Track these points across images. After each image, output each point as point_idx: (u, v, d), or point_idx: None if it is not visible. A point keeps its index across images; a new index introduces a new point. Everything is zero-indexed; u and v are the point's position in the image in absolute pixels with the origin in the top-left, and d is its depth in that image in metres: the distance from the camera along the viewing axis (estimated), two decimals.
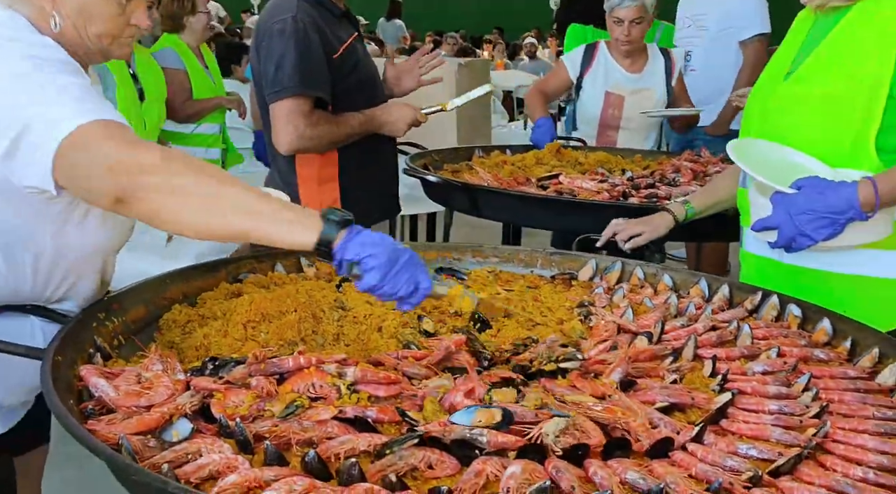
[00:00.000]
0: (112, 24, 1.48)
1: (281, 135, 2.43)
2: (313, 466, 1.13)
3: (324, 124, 2.43)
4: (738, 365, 1.53)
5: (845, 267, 1.86)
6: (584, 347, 1.59)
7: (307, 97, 2.40)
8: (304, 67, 2.37)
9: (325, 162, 2.51)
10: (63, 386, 1.30)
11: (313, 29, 2.39)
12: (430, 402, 1.30)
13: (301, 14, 2.39)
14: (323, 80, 2.41)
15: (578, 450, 1.19)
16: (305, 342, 1.60)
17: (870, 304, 1.80)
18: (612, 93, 3.60)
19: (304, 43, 2.36)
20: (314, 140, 2.44)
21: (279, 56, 2.37)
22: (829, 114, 1.82)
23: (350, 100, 2.49)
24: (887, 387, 1.44)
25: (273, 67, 2.38)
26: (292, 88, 2.36)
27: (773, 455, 1.20)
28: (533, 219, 2.77)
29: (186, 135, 4.39)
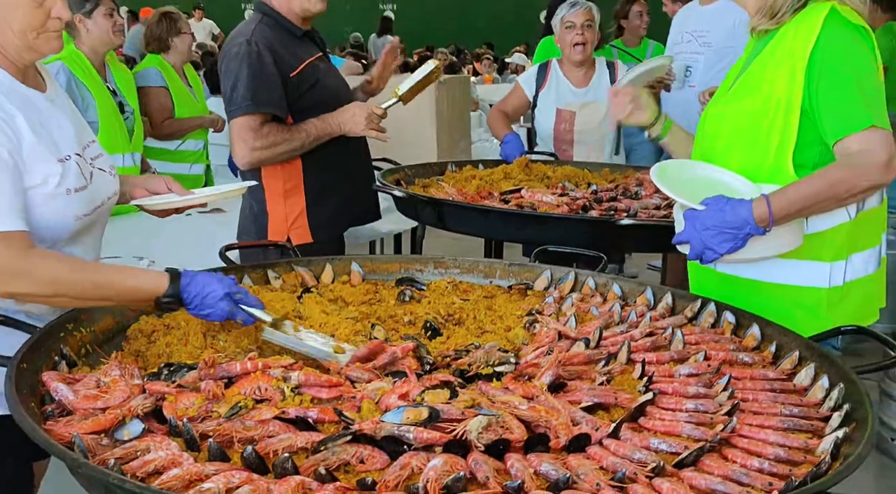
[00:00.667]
0: (32, 18, 1.57)
1: (235, 150, 2.58)
2: (251, 460, 1.22)
3: (275, 135, 2.54)
4: (667, 367, 1.62)
5: (771, 276, 1.97)
6: (523, 353, 1.69)
7: (259, 114, 2.52)
8: (256, 87, 2.49)
9: (288, 175, 2.62)
10: (26, 391, 1.39)
11: (268, 50, 2.51)
12: (367, 403, 1.39)
13: (256, 37, 2.53)
14: (275, 97, 2.53)
15: (500, 445, 1.28)
16: (262, 350, 1.69)
17: (792, 311, 1.90)
18: (562, 109, 3.74)
19: (257, 64, 2.49)
20: (266, 151, 2.55)
21: (234, 77, 2.50)
22: (750, 133, 1.93)
23: (311, 115, 2.60)
24: (802, 387, 1.54)
25: (230, 88, 2.52)
26: (245, 106, 2.50)
27: (681, 449, 1.29)
28: (495, 232, 2.88)
29: (171, 151, 4.50)
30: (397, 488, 1.18)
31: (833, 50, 1.84)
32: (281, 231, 2.66)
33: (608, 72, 3.82)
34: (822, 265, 1.94)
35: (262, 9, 2.64)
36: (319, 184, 2.66)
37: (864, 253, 1.96)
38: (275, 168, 2.61)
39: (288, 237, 2.64)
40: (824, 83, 1.83)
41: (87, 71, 3.46)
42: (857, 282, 1.97)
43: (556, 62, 3.85)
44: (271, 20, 2.61)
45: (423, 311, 1.93)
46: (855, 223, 1.93)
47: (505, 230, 2.69)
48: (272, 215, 2.64)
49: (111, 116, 3.55)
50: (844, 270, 1.94)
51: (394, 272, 2.21)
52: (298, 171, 2.66)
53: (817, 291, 1.94)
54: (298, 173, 2.65)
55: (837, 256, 1.93)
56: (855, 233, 1.93)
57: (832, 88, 1.83)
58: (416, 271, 2.23)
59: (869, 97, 1.82)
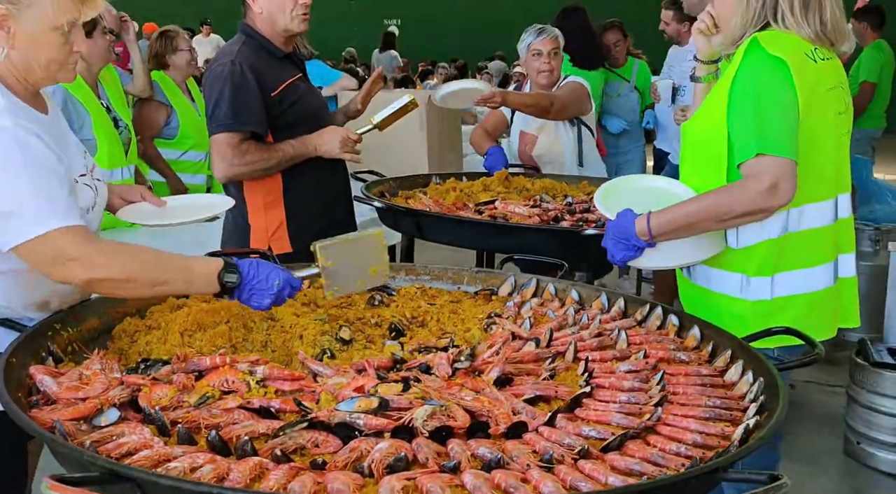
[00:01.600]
0: (59, 53, 1.71)
1: (215, 165, 2.72)
2: (215, 443, 1.35)
3: (253, 153, 2.67)
4: (609, 365, 1.75)
5: (709, 284, 2.12)
6: (479, 351, 1.81)
7: (239, 131, 2.65)
8: (238, 105, 2.63)
9: (268, 189, 2.75)
10: (14, 383, 1.53)
11: (250, 70, 2.65)
12: (325, 395, 1.52)
13: (239, 58, 2.66)
14: (256, 115, 2.66)
15: (443, 432, 1.41)
16: (237, 349, 1.82)
17: (725, 318, 2.02)
18: (525, 132, 3.85)
19: (240, 83, 2.63)
20: (244, 167, 2.68)
21: (217, 95, 2.64)
22: (704, 153, 2.07)
23: (290, 134, 2.74)
24: (731, 382, 1.66)
25: (212, 105, 2.65)
26: (226, 124, 2.63)
27: (608, 436, 1.42)
28: (468, 241, 3.01)
29: (173, 161, 4.62)
30: (346, 468, 1.31)
31: (742, 80, 1.95)
32: (262, 241, 2.79)
33: None
34: (746, 278, 2.03)
35: (245, 30, 2.78)
36: (298, 197, 2.79)
37: (795, 273, 2.02)
38: (255, 182, 2.74)
39: (269, 246, 2.77)
40: (731, 112, 1.97)
41: (82, 89, 3.59)
42: (795, 299, 2.03)
43: (527, 87, 3.97)
44: (254, 41, 2.74)
45: (391, 314, 2.06)
46: (780, 241, 2.00)
47: (477, 240, 2.82)
48: (254, 227, 2.77)
49: (108, 132, 3.68)
50: (771, 286, 2.02)
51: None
52: (278, 186, 2.78)
53: (743, 302, 2.04)
54: (278, 187, 2.78)
55: (760, 272, 2.02)
56: (781, 251, 2.01)
57: (735, 117, 1.95)
58: (387, 277, 2.35)
59: (765, 126, 1.90)
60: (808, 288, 2.04)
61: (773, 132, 1.89)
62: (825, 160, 2.02)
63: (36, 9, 1.65)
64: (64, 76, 1.78)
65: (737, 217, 1.93)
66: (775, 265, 2.02)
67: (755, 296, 2.03)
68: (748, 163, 1.91)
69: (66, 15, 1.69)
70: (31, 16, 1.66)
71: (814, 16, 1.98)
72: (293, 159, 2.71)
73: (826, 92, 2.00)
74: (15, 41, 1.67)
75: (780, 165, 1.88)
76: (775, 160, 1.88)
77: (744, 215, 1.93)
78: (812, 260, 2.04)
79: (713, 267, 2.08)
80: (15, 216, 1.60)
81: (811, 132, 1.96)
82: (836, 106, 2.04)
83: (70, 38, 1.71)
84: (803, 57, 1.96)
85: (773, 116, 1.90)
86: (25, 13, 1.65)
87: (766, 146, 1.89)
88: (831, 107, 2.02)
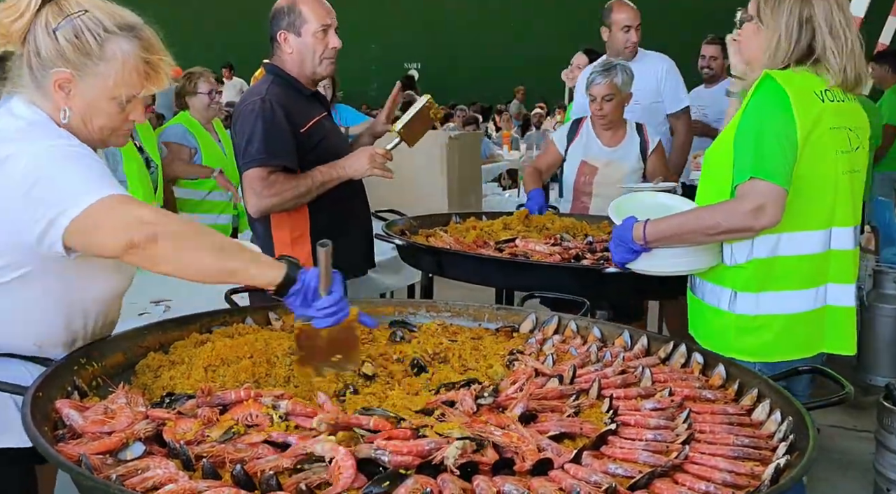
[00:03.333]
0: (113, 120, 1.73)
1: (247, 200, 2.76)
2: (240, 478, 1.35)
3: (282, 182, 2.72)
4: (634, 402, 1.73)
5: (705, 297, 2.28)
6: (502, 387, 1.80)
7: (271, 166, 2.70)
8: (270, 141, 2.68)
9: (295, 224, 2.79)
10: (40, 416, 1.53)
11: (280, 107, 2.71)
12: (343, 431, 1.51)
13: (270, 95, 2.73)
14: (288, 150, 2.72)
15: (468, 468, 1.40)
16: (259, 384, 1.82)
17: (711, 328, 2.24)
18: (587, 162, 3.89)
19: (270, 119, 2.69)
20: (275, 197, 2.72)
21: (249, 132, 2.69)
22: (713, 177, 2.23)
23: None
24: (759, 421, 1.64)
25: (244, 142, 2.71)
26: (259, 159, 2.68)
27: (635, 474, 1.40)
28: (488, 279, 3.01)
29: (197, 201, 4.67)
30: None
31: (750, 109, 2.10)
32: None
33: (638, 135, 3.97)
34: (734, 293, 2.19)
35: (273, 70, 2.84)
36: (323, 232, 2.80)
37: (779, 293, 2.16)
38: (282, 218, 2.78)
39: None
40: (737, 138, 2.13)
41: None
42: (775, 318, 2.17)
43: (589, 120, 4.02)
44: (282, 80, 2.80)
45: (412, 350, 2.06)
46: (768, 262, 2.15)
47: (498, 277, 2.82)
48: None
49: (139, 172, 3.75)
50: (756, 303, 2.17)
51: (389, 315, 2.35)
52: (305, 221, 2.82)
53: (729, 315, 2.20)
54: (305, 222, 2.82)
55: (747, 288, 2.17)
56: (768, 272, 2.16)
57: (738, 142, 2.11)
58: (409, 314, 2.36)
59: (763, 152, 2.04)
60: (788, 309, 2.18)
61: (768, 159, 2.03)
62: (819, 193, 2.15)
63: (99, 78, 1.67)
64: (115, 141, 1.79)
65: (723, 232, 2.11)
66: (761, 284, 2.16)
67: (740, 311, 2.18)
68: (742, 185, 2.07)
69: (127, 89, 1.69)
70: (93, 83, 1.67)
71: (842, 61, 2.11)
72: (323, 185, 2.74)
73: (829, 130, 2.12)
74: (72, 103, 1.68)
75: (769, 190, 2.03)
76: (766, 185, 2.03)
77: (729, 231, 2.10)
78: (795, 283, 2.17)
79: (708, 281, 2.27)
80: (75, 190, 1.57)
81: (808, 166, 2.09)
82: (838, 145, 2.15)
83: (127, 108, 1.72)
84: (811, 95, 2.10)
85: (770, 144, 2.04)
86: (88, 80, 1.67)
87: (760, 171, 2.04)
88: (832, 145, 2.13)
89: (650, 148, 3.92)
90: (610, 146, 3.94)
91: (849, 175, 2.18)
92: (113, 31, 1.67)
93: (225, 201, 4.79)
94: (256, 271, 1.69)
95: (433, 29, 20.22)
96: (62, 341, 1.82)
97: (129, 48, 1.67)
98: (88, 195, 1.57)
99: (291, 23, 2.77)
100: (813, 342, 2.21)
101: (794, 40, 2.11)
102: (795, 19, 2.10)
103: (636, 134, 3.97)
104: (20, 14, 1.64)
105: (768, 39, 2.13)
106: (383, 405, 1.71)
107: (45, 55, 1.65)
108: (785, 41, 2.11)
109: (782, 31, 2.11)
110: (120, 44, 1.67)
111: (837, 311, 2.20)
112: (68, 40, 1.64)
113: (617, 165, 3.91)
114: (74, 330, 1.83)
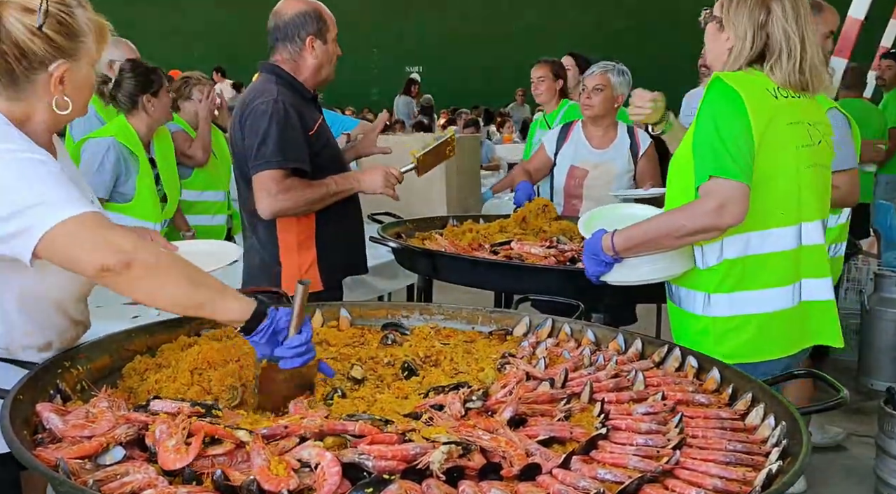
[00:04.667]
0: (92, 86, 1.75)
1: (259, 201, 2.72)
2: (220, 483, 1.32)
3: (298, 188, 2.70)
4: (626, 406, 1.70)
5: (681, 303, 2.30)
6: (491, 391, 1.77)
7: (285, 168, 2.68)
8: (285, 143, 2.66)
9: (302, 228, 2.77)
10: (20, 420, 1.51)
11: (292, 109, 2.70)
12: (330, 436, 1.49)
13: (281, 96, 2.71)
14: (302, 152, 2.70)
15: (454, 473, 1.37)
16: (246, 387, 1.80)
17: (689, 334, 2.24)
18: (576, 167, 3.88)
19: (284, 120, 2.67)
20: (289, 202, 2.70)
21: (263, 133, 2.66)
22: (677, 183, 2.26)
23: (322, 173, 2.77)
24: (752, 426, 1.61)
25: (257, 143, 2.67)
26: (274, 161, 2.65)
27: (625, 479, 1.37)
28: (483, 282, 2.98)
29: (192, 202, 4.65)
30: None
31: (703, 111, 2.13)
32: (294, 279, 2.78)
33: (629, 137, 3.97)
34: (707, 296, 2.20)
35: (274, 71, 2.81)
36: (328, 237, 2.82)
37: (753, 293, 2.17)
38: (290, 222, 2.76)
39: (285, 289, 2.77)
40: (695, 141, 2.14)
41: (136, 146, 3.69)
42: (751, 318, 2.18)
43: (579, 123, 4.03)
44: (285, 82, 2.78)
45: (404, 353, 2.03)
46: (739, 262, 2.17)
47: (492, 280, 2.79)
48: (285, 265, 2.79)
49: (148, 185, 3.75)
50: (729, 303, 2.18)
51: (381, 318, 2.32)
52: (312, 225, 2.82)
53: (704, 319, 2.21)
54: (311, 227, 2.81)
55: (719, 289, 2.18)
56: (741, 272, 2.17)
57: (696, 144, 2.13)
58: (402, 317, 2.33)
59: (719, 151, 2.06)
60: (764, 308, 2.18)
61: (725, 157, 2.05)
62: (783, 189, 2.16)
63: (86, 53, 1.68)
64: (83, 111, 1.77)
65: (689, 234, 2.10)
66: (734, 284, 2.17)
67: (715, 313, 2.19)
68: (703, 185, 2.09)
69: (98, 50, 1.71)
70: (83, 61, 1.68)
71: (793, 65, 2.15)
72: (336, 195, 2.75)
73: (786, 125, 2.15)
74: (67, 90, 1.68)
75: (730, 187, 2.04)
76: (726, 182, 2.05)
77: (695, 232, 2.10)
78: (769, 281, 2.17)
79: (682, 287, 2.28)
80: (42, 205, 1.53)
81: (768, 162, 2.11)
82: (798, 140, 2.18)
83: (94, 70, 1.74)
84: (763, 92, 2.14)
85: (726, 142, 2.06)
86: (80, 60, 1.68)
87: (719, 169, 2.06)
88: (791, 140, 2.17)
89: (641, 150, 3.90)
90: (600, 148, 3.93)
91: (812, 169, 2.21)
92: (72, 4, 1.66)
93: (220, 202, 4.76)
94: (227, 305, 1.64)
95: (434, 33, 20.24)
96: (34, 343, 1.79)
97: (87, 14, 1.69)
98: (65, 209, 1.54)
99: (319, 29, 2.80)
100: (794, 339, 2.22)
101: (751, 43, 2.16)
102: (754, 22, 2.16)
103: (627, 136, 3.96)
104: None
105: (730, 41, 2.19)
106: (372, 409, 1.69)
107: (41, 54, 1.63)
108: (747, 42, 2.16)
109: (742, 34, 2.16)
110: (83, 14, 1.68)
111: (816, 306, 2.22)
112: (57, 31, 1.63)
113: (607, 167, 3.90)
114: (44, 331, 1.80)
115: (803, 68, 2.15)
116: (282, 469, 1.33)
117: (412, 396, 1.78)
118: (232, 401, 1.73)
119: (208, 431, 1.42)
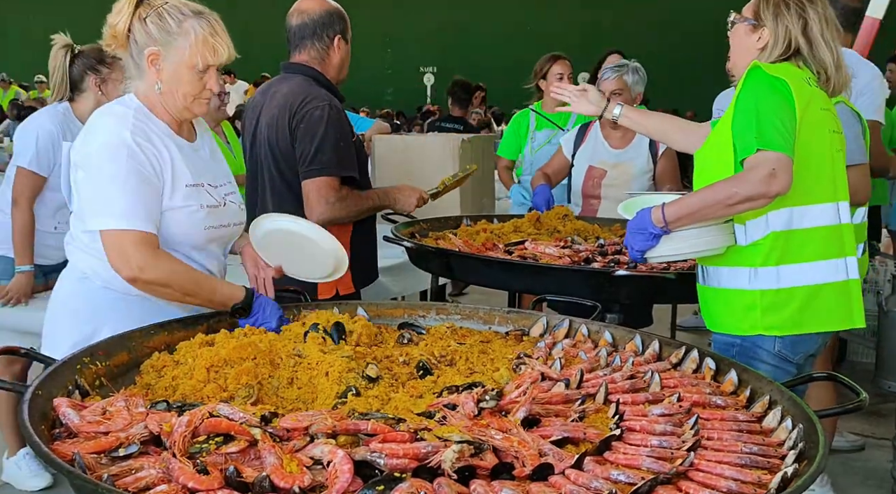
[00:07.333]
0: (194, 87, 2.10)
1: (313, 207, 2.71)
2: (232, 479, 1.32)
3: (352, 198, 2.74)
4: (641, 408, 1.70)
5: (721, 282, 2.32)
6: (505, 391, 1.77)
7: (343, 176, 2.70)
8: (341, 150, 2.67)
9: (338, 234, 2.73)
10: (37, 414, 1.52)
11: (343, 114, 2.72)
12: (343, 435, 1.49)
13: (333, 101, 2.72)
14: (353, 160, 2.74)
15: (465, 472, 1.37)
16: (262, 385, 1.81)
17: (734, 310, 2.27)
18: (595, 167, 3.86)
19: (340, 128, 2.68)
20: (343, 210, 2.74)
21: (319, 139, 2.66)
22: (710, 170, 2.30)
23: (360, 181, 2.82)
24: (769, 428, 1.60)
25: (313, 148, 2.67)
26: (330, 168, 2.67)
27: (638, 480, 1.36)
28: (497, 281, 2.98)
29: None
30: None
31: (744, 95, 2.20)
32: (331, 284, 2.80)
33: (648, 139, 3.91)
34: (754, 270, 2.25)
35: (309, 72, 2.80)
36: (358, 242, 2.85)
37: (800, 265, 2.23)
38: (330, 228, 2.77)
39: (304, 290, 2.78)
40: (735, 122, 2.21)
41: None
42: (798, 290, 2.24)
43: (597, 123, 4.00)
44: (323, 84, 2.78)
45: (419, 353, 2.03)
46: (784, 235, 2.23)
47: (506, 280, 2.79)
48: None
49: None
50: (777, 276, 2.23)
51: (398, 317, 2.32)
52: (348, 231, 2.83)
53: (752, 293, 2.25)
54: (348, 232, 2.82)
55: (766, 262, 2.24)
56: (785, 245, 2.23)
57: (738, 124, 2.19)
58: (418, 316, 2.33)
59: (764, 126, 2.13)
60: (812, 280, 2.24)
61: (771, 131, 2.12)
62: (822, 167, 2.25)
63: (179, 51, 2.06)
64: (197, 108, 2.14)
65: (741, 201, 2.13)
66: (780, 257, 2.23)
67: (762, 286, 2.23)
68: (749, 158, 2.14)
69: (201, 59, 2.06)
70: (175, 55, 2.06)
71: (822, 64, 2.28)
72: (374, 209, 2.84)
73: (820, 110, 2.25)
74: (162, 75, 2.08)
75: (777, 157, 2.10)
76: (773, 154, 2.11)
77: (747, 200, 2.13)
78: (816, 254, 2.24)
79: (724, 266, 2.30)
80: (106, 205, 2.01)
81: (807, 140, 2.19)
82: (829, 124, 2.29)
83: (204, 78, 2.09)
84: (800, 80, 2.24)
85: (771, 118, 2.13)
86: (171, 53, 2.06)
87: (765, 143, 2.12)
88: (825, 124, 2.27)
89: (660, 150, 3.88)
90: (619, 148, 3.91)
91: (840, 154, 2.32)
92: (187, 14, 2.08)
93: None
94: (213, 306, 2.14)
95: (448, 33, 20.24)
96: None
97: (197, 26, 2.07)
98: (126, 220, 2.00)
99: (344, 28, 2.82)
100: (843, 314, 2.28)
101: (786, 43, 2.26)
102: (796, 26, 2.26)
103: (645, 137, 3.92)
104: (119, 11, 2.06)
105: (765, 39, 2.28)
106: (385, 407, 1.69)
107: (140, 40, 2.07)
108: (782, 42, 2.26)
109: (780, 34, 2.26)
110: (192, 23, 2.07)
111: (854, 284, 2.28)
112: (154, 23, 2.06)
113: (626, 167, 3.88)
114: None
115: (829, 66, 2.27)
116: (294, 466, 1.34)
117: (427, 395, 1.78)
118: (248, 399, 1.74)
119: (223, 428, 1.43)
